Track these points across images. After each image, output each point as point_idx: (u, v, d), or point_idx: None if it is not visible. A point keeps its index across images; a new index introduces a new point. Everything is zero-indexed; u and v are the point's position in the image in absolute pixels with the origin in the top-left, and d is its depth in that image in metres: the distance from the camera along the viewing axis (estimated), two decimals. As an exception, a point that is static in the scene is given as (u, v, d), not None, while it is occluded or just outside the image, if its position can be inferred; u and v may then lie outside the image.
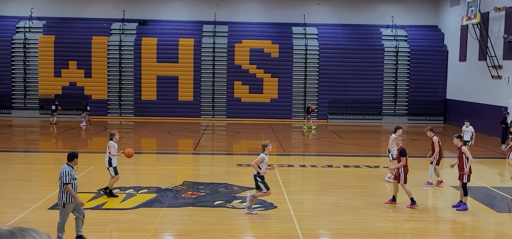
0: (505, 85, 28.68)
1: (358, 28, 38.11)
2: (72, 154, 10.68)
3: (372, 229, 12.34)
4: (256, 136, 29.21)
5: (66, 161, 10.63)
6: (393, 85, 37.40)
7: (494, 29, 30.02)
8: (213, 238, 11.36)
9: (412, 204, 13.83)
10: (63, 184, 10.32)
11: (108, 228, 12.02)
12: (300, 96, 37.25)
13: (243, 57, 36.90)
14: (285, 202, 14.30)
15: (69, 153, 10.77)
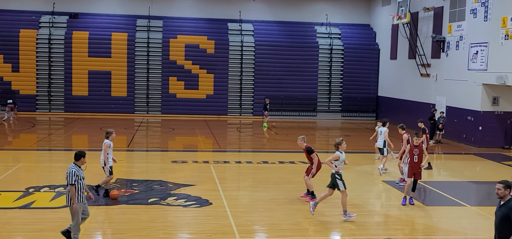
0: (433, 83, 29.73)
1: (293, 26, 38.49)
2: (79, 153, 10.24)
3: (307, 224, 12.46)
4: (192, 132, 28.96)
5: (74, 160, 10.22)
6: (328, 82, 38.03)
7: (423, 29, 31.06)
8: (147, 236, 11.12)
9: (310, 197, 14.01)
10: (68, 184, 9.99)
11: (37, 227, 11.53)
12: (236, 92, 37.23)
13: (178, 53, 36.47)
14: (221, 199, 14.22)
15: (76, 152, 10.32)
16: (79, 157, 10.17)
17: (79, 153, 10.20)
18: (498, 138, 25.12)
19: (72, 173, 9.96)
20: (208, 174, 17.43)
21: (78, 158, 10.17)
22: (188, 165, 19.27)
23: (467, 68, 26.19)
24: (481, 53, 25.10)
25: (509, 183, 7.88)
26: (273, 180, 17.07)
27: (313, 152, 14.15)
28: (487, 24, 24.72)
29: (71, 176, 9.94)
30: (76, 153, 10.25)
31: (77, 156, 10.19)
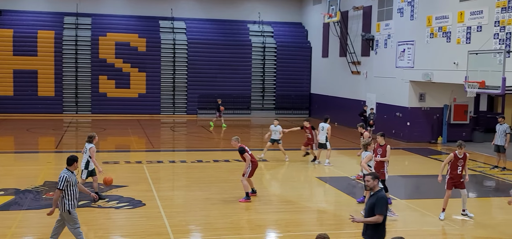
0: (363, 80, 30.46)
1: (226, 24, 38.40)
2: (72, 158, 9.77)
3: (242, 222, 12.43)
4: (124, 132, 28.34)
5: (66, 165, 9.71)
6: (261, 80, 38.20)
7: (353, 27, 31.75)
8: (77, 240, 10.71)
9: (246, 199, 13.94)
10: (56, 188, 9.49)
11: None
12: (168, 91, 36.74)
13: (108, 51, 35.57)
14: (154, 199, 13.95)
15: (68, 157, 9.80)
16: (72, 161, 9.75)
17: (72, 157, 9.80)
18: (425, 133, 26.03)
19: (63, 178, 9.53)
20: (141, 175, 17.08)
21: (71, 163, 9.75)
22: (120, 165, 18.82)
23: (395, 65, 26.98)
24: (408, 51, 25.92)
25: (377, 174, 8.44)
26: (208, 179, 16.93)
27: (244, 152, 14.10)
28: (413, 23, 25.55)
29: (61, 181, 9.52)
30: (69, 157, 9.82)
31: (70, 161, 9.77)
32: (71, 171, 9.70)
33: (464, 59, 19.79)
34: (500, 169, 19.01)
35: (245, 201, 13.93)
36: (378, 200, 8.12)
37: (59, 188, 9.50)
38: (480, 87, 18.09)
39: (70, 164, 9.74)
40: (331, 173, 17.90)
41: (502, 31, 19.79)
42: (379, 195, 8.19)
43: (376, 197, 8.17)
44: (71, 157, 9.81)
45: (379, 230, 8.10)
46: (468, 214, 12.96)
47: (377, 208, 8.07)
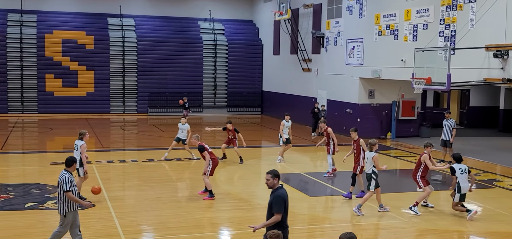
0: (314, 78, 30.76)
1: (176, 21, 38.05)
2: (72, 159, 9.75)
3: (195, 221, 12.33)
4: (72, 132, 27.60)
5: (65, 166, 9.58)
6: (213, 78, 38.04)
7: (304, 25, 32.01)
8: (24, 244, 10.40)
9: (208, 195, 13.94)
10: (63, 192, 9.31)
11: None
12: (118, 89, 36.11)
13: (55, 49, 34.64)
14: (105, 200, 13.68)
15: (67, 158, 9.72)
16: (71, 163, 9.63)
17: (71, 158, 9.69)
18: (375, 129, 26.49)
19: (66, 179, 9.33)
20: (90, 175, 16.68)
21: (70, 164, 9.61)
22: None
23: (345, 63, 27.37)
24: (357, 49, 26.34)
25: (277, 172, 8.22)
26: (160, 178, 16.72)
27: (204, 151, 14.00)
28: (362, 21, 25.97)
29: (65, 182, 9.30)
30: (68, 159, 9.65)
31: (70, 162, 9.63)
32: (70, 172, 9.59)
33: (411, 57, 20.24)
34: (446, 163, 19.55)
35: (209, 199, 13.84)
36: (275, 198, 7.98)
37: (67, 190, 9.36)
38: (427, 84, 18.52)
39: (70, 165, 9.66)
40: (283, 170, 17.99)
41: (447, 29, 20.36)
42: (276, 193, 8.03)
43: (273, 196, 8.03)
44: (71, 158, 9.73)
45: (280, 229, 7.82)
46: (428, 205, 13.54)
47: (274, 207, 7.94)
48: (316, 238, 11.48)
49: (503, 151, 22.98)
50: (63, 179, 9.39)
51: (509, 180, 17.30)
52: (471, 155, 21.68)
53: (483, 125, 31.14)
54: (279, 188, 8.12)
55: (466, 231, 11.94)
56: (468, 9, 19.27)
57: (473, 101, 31.84)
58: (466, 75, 18.99)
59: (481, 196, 15.23)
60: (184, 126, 19.57)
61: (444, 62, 17.83)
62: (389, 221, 12.46)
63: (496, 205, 14.00)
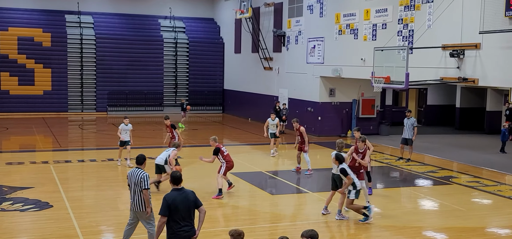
0: (276, 76, 30.86)
1: (136, 18, 37.57)
2: (143, 157, 9.65)
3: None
4: (28, 131, 27.02)
5: (136, 164, 9.53)
6: (173, 76, 37.72)
7: (265, 23, 32.06)
8: (-22, 247, 10.08)
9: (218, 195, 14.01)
10: (142, 190, 9.28)
11: None
12: (76, 88, 35.42)
13: (10, 46, 33.73)
14: (63, 200, 13.39)
15: (140, 156, 9.62)
16: (143, 160, 9.57)
17: (143, 156, 9.65)
18: (335, 127, 26.77)
19: (147, 177, 9.34)
20: (48, 175, 16.35)
21: (142, 162, 9.54)
22: (25, 166, 17.91)
23: (306, 61, 27.55)
24: (318, 48, 26.54)
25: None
26: (119, 177, 16.46)
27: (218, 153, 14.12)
28: (322, 20, 26.18)
29: (145, 180, 9.30)
30: (141, 156, 9.58)
31: (142, 160, 9.56)
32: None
33: (371, 56, 20.52)
34: (405, 160, 19.91)
35: (217, 197, 13.88)
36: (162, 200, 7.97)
37: (147, 188, 9.33)
38: (386, 83, 18.79)
39: (142, 162, 9.56)
40: (244, 168, 17.97)
41: (405, 28, 20.72)
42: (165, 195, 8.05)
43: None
44: (142, 156, 9.65)
45: (167, 229, 7.89)
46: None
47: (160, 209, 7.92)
48: (278, 236, 11.49)
49: (459, 148, 23.54)
50: (143, 177, 9.33)
51: (465, 177, 17.73)
52: (428, 152, 22.15)
53: (440, 123, 31.86)
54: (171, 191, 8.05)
55: (423, 227, 12.16)
56: (426, 9, 19.66)
57: (430, 99, 32.52)
58: (423, 74, 19.39)
59: (438, 193, 15.56)
60: (127, 126, 18.46)
61: (402, 62, 18.12)
62: (349, 218, 12.58)
63: (453, 201, 14.31)
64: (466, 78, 17.80)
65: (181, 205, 7.87)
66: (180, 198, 7.93)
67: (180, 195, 7.97)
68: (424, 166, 19.36)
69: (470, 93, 30.39)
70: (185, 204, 7.94)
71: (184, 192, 8.05)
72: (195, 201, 8.11)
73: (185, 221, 7.92)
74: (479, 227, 12.36)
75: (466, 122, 30.45)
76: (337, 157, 12.26)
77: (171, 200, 7.86)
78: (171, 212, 7.81)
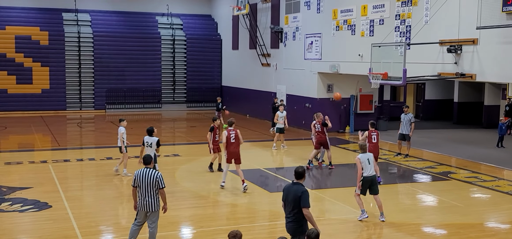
0: (274, 72, 30.85)
1: (133, 16, 37.52)
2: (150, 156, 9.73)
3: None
4: (27, 130, 27.01)
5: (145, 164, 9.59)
6: (171, 73, 37.71)
7: (262, 20, 32.04)
8: (-23, 249, 10.10)
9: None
10: (159, 189, 9.46)
11: None
12: (75, 86, 35.40)
13: (7, 45, 33.69)
14: (61, 200, 13.40)
15: (147, 155, 9.73)
16: (151, 159, 9.66)
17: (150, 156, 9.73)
18: (333, 123, 26.53)
19: (161, 177, 9.52)
20: (46, 175, 16.36)
21: (150, 161, 9.63)
22: (24, 166, 17.92)
23: (303, 57, 27.54)
24: (315, 44, 26.54)
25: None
26: (118, 177, 16.47)
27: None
28: (320, 16, 26.16)
29: (161, 180, 9.47)
30: (148, 156, 9.68)
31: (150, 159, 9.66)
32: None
33: (368, 52, 20.52)
34: (403, 156, 19.95)
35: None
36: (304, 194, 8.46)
37: (164, 187, 9.54)
38: (383, 79, 18.79)
39: (149, 162, 9.61)
40: (243, 165, 17.97)
41: (402, 24, 20.72)
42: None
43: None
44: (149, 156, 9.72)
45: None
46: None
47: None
48: (278, 234, 11.52)
49: (457, 143, 23.58)
50: (158, 177, 9.44)
51: (464, 172, 17.77)
52: (427, 147, 22.18)
53: (438, 118, 31.90)
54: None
55: (422, 223, 12.20)
56: (423, 5, 19.66)
57: (428, 94, 32.55)
58: (421, 70, 19.39)
59: (436, 188, 15.60)
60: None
61: (400, 57, 18.14)
62: (347, 216, 12.62)
63: (452, 197, 14.35)
64: (464, 74, 17.82)
65: (288, 197, 8.52)
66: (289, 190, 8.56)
67: (291, 188, 8.56)
68: (423, 162, 19.39)
69: (468, 88, 30.43)
70: (290, 197, 8.47)
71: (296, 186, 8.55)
72: (298, 200, 8.45)
73: (289, 213, 8.50)
74: (478, 222, 12.41)
75: (464, 117, 30.50)
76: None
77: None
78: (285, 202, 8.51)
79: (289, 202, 8.39)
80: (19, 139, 25.55)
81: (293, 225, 8.36)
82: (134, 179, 9.56)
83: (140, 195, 9.52)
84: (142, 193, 9.49)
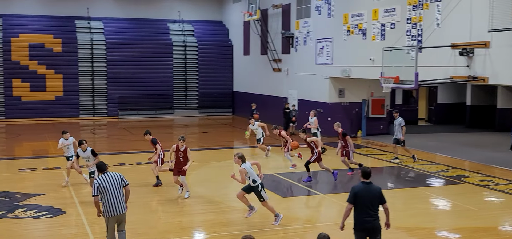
0: (285, 77, 30.89)
1: (145, 23, 37.77)
2: (103, 163, 9.97)
3: (168, 226, 12.26)
4: (40, 137, 27.25)
5: (101, 171, 9.71)
6: (183, 79, 37.88)
7: (273, 25, 32.11)
8: (-7, 254, 10.22)
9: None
10: (124, 186, 9.75)
11: None
12: (88, 93, 35.68)
13: (21, 53, 34.05)
14: (75, 206, 13.51)
15: (100, 162, 9.98)
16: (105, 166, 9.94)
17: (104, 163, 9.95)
18: (345, 128, 26.43)
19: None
20: (60, 181, 16.48)
21: (105, 167, 9.86)
22: (38, 172, 18.09)
23: (315, 62, 27.56)
24: (326, 48, 26.55)
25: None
26: (131, 181, 16.52)
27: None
28: (330, 20, 26.18)
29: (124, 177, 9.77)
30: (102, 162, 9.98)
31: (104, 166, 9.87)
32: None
33: (380, 56, 20.49)
34: (412, 159, 19.82)
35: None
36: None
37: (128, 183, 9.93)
38: (395, 83, 18.78)
39: (105, 167, 9.75)
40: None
41: (414, 28, 20.68)
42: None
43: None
44: (102, 163, 9.93)
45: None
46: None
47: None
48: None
49: (470, 147, 23.44)
50: (120, 175, 9.70)
51: (477, 176, 17.65)
52: (439, 151, 22.07)
53: (450, 121, 31.68)
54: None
55: (436, 228, 12.15)
56: (434, 8, 19.61)
57: (440, 98, 32.37)
58: (433, 73, 19.34)
59: (450, 192, 15.53)
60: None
61: (411, 61, 18.11)
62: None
63: (465, 201, 14.28)
64: (476, 77, 17.74)
65: (367, 195, 8.60)
66: (366, 190, 8.65)
67: (366, 188, 8.67)
68: (435, 166, 19.31)
69: (480, 91, 30.22)
70: (370, 195, 8.66)
71: (371, 185, 8.72)
72: (380, 196, 8.73)
73: (370, 210, 8.60)
74: (492, 226, 12.33)
75: (476, 120, 30.28)
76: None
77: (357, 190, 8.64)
78: (356, 202, 8.60)
79: (368, 201, 8.60)
80: (33, 145, 25.78)
81: (377, 222, 8.66)
82: (98, 187, 9.34)
83: (108, 202, 9.30)
84: (110, 197, 9.33)
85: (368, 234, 8.66)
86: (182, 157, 14.34)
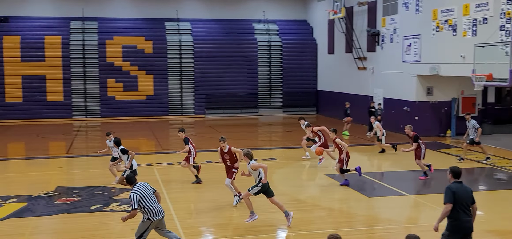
0: (370, 76, 30.45)
1: (231, 23, 38.49)
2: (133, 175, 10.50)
3: (250, 223, 12.46)
4: (133, 135, 28.50)
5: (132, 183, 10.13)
6: (268, 78, 38.27)
7: (358, 23, 31.73)
8: (91, 245, 10.86)
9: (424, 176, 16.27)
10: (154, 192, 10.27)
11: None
12: (176, 92, 36.90)
13: (115, 54, 35.76)
14: (166, 201, 14.05)
15: (131, 175, 10.38)
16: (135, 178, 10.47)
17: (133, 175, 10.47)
18: (433, 127, 25.99)
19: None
20: (151, 177, 17.21)
21: (135, 179, 10.34)
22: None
23: (401, 60, 26.96)
24: (414, 45, 25.90)
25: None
26: (218, 179, 16.96)
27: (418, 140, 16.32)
28: (418, 17, 25.51)
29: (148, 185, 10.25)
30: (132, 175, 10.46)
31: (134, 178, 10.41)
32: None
33: (471, 52, 19.77)
34: (485, 158, 19.09)
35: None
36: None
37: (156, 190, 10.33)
38: (488, 80, 18.08)
39: (135, 179, 10.24)
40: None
41: (508, 23, 19.74)
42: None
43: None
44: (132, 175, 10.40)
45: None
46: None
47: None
48: (375, 239, 11.43)
49: None
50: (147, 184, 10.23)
51: None
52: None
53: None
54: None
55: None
56: (530, 2, 18.65)
57: (537, 96, 30.64)
58: (529, 70, 18.39)
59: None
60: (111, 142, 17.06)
61: (505, 57, 17.39)
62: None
63: None
64: None
65: (463, 195, 8.56)
66: (461, 189, 8.62)
67: (461, 187, 8.64)
68: (531, 167, 18.36)
69: None
70: (466, 195, 8.61)
71: (463, 185, 8.72)
72: (472, 196, 8.70)
73: (467, 210, 8.55)
74: None
75: None
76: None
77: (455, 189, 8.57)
78: (455, 202, 8.51)
79: (465, 200, 8.56)
80: (125, 143, 26.76)
81: (471, 221, 8.60)
82: (139, 199, 9.71)
83: (150, 209, 9.76)
84: (151, 204, 9.81)
85: (464, 236, 8.49)
86: (229, 159, 13.92)
